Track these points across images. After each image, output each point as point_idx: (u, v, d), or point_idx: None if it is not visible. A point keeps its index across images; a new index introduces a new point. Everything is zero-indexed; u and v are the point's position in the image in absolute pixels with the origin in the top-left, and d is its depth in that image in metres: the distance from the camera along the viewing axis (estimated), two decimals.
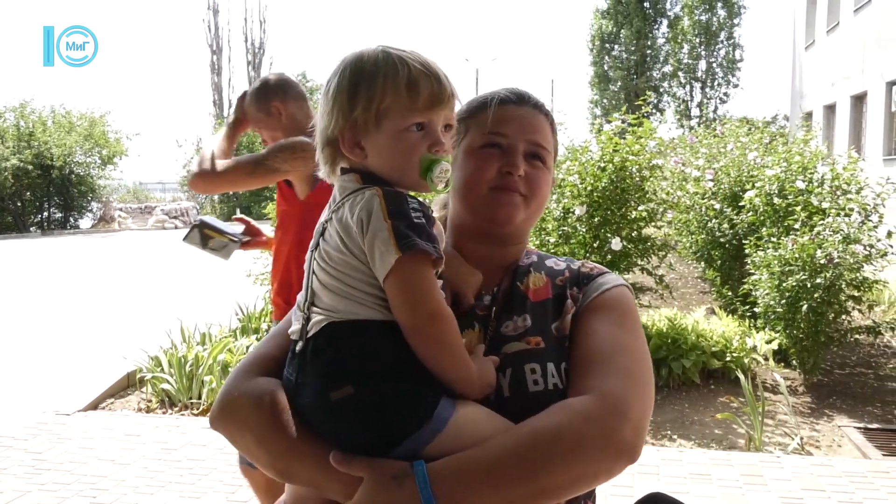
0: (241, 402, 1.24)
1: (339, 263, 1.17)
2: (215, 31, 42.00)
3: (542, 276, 1.40)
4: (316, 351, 1.17)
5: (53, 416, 4.92)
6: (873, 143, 15.42)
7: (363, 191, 1.17)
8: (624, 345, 1.27)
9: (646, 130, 5.72)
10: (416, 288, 1.13)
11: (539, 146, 1.39)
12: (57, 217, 28.84)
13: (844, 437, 4.64)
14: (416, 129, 1.19)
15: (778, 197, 6.35)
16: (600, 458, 1.10)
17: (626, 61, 37.20)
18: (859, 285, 5.43)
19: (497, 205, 1.35)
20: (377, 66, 1.18)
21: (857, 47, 16.42)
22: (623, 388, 1.18)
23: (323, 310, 1.18)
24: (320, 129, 1.24)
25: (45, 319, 8.92)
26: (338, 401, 1.12)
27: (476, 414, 1.16)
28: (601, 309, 1.33)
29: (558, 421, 1.12)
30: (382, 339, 1.14)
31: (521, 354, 1.28)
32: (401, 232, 1.11)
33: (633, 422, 1.15)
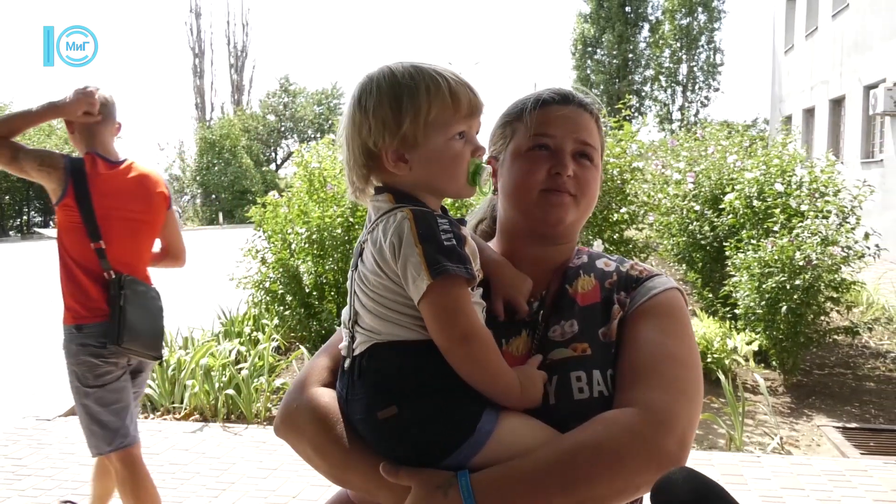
0: (300, 413, 1.30)
1: (376, 286, 1.20)
2: (197, 34, 41.89)
3: (591, 279, 1.39)
4: (362, 371, 1.21)
5: (34, 422, 4.89)
6: (851, 146, 15.60)
7: (395, 212, 1.19)
8: (670, 353, 1.26)
9: (626, 133, 5.76)
10: (448, 310, 1.16)
11: (586, 144, 1.38)
12: (37, 221, 28.60)
13: (823, 437, 4.69)
14: (459, 137, 1.23)
15: (757, 200, 6.42)
16: (643, 471, 1.10)
17: (608, 65, 37.39)
18: (837, 286, 5.50)
19: (548, 206, 1.34)
20: (415, 79, 1.21)
21: (835, 51, 16.61)
22: (668, 399, 1.17)
23: (365, 330, 1.22)
24: (355, 147, 1.24)
25: (25, 324, 8.84)
26: (384, 420, 1.16)
27: (520, 424, 1.18)
28: (648, 315, 1.31)
29: (601, 434, 1.12)
30: (423, 358, 1.18)
31: (567, 362, 1.27)
32: (432, 257, 1.13)
33: (678, 434, 1.14)
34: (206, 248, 19.46)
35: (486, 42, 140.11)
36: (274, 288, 6.59)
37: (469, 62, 47.91)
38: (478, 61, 61.07)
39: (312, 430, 1.27)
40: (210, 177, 34.12)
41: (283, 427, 1.34)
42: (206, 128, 36.64)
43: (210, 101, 42.11)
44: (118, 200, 2.93)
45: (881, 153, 14.17)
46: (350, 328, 1.25)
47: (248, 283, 6.72)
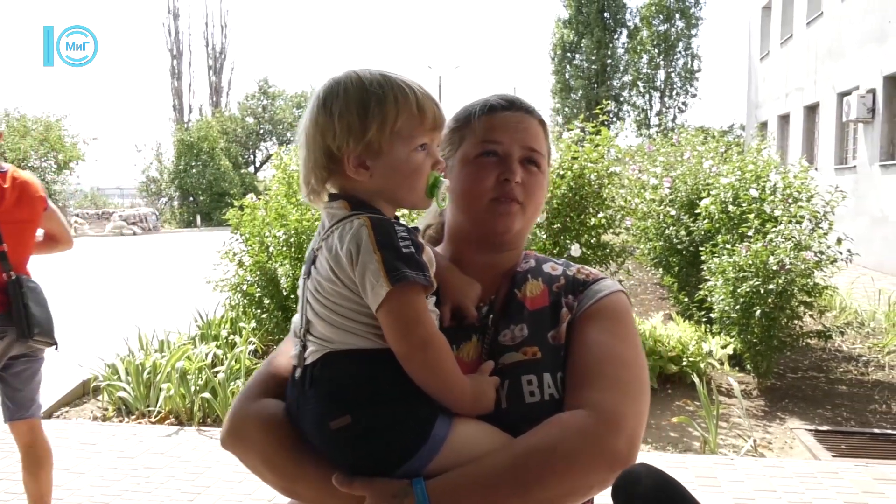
0: (248, 424, 1.28)
1: (331, 294, 1.19)
2: (175, 36, 41.55)
3: (540, 284, 1.40)
4: (314, 380, 1.20)
5: (5, 426, 4.81)
6: (825, 152, 15.82)
7: (351, 219, 1.19)
8: (617, 354, 1.28)
9: (604, 139, 5.80)
10: (407, 317, 1.15)
11: (533, 151, 1.39)
12: None
13: (796, 439, 4.75)
14: (421, 148, 1.23)
15: (732, 205, 6.49)
16: (594, 471, 1.13)
17: (587, 70, 37.60)
18: (810, 291, 5.57)
19: (496, 215, 1.36)
20: (384, 87, 1.21)
21: (809, 59, 16.84)
22: (617, 400, 1.20)
23: (318, 339, 1.21)
24: (316, 149, 1.23)
25: None
26: (337, 430, 1.15)
27: (473, 430, 1.19)
28: (596, 317, 1.34)
29: (553, 437, 1.15)
30: (377, 366, 1.17)
31: (518, 366, 1.29)
32: (390, 263, 1.13)
33: (627, 433, 1.17)
34: (184, 251, 19.32)
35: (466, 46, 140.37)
36: (251, 291, 6.56)
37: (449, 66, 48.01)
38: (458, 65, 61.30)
39: (261, 442, 1.26)
40: (188, 179, 33.85)
41: (230, 439, 1.31)
42: (183, 130, 36.33)
43: (188, 103, 41.79)
44: (6, 206, 3.15)
45: (854, 159, 14.39)
46: (301, 337, 1.24)
47: (226, 285, 6.68)
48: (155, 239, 25.77)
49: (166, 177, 35.43)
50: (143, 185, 35.91)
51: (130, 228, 28.00)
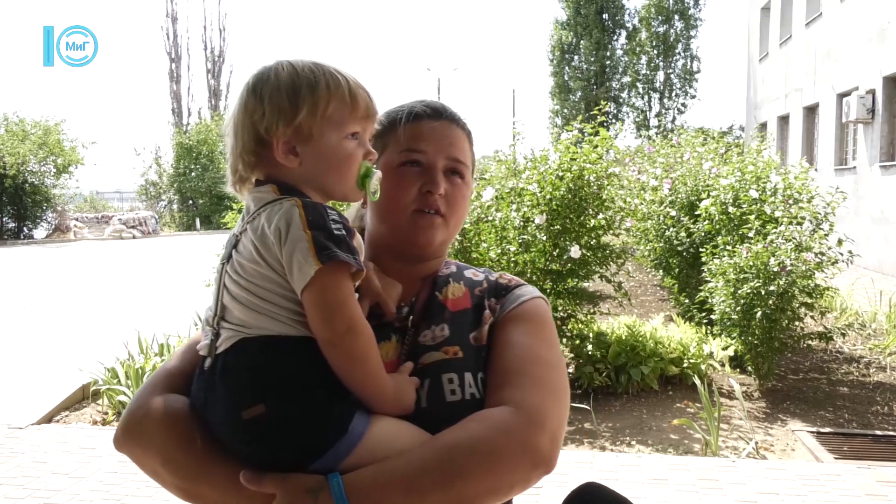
0: (147, 421, 1.21)
1: (253, 275, 1.15)
2: (174, 39, 41.57)
3: (461, 287, 1.40)
4: (226, 368, 1.14)
5: (5, 430, 4.80)
6: (825, 153, 15.81)
7: (280, 202, 1.16)
8: (539, 355, 1.29)
9: (602, 139, 5.80)
10: (334, 300, 1.12)
11: (457, 161, 1.38)
12: (10, 227, 28.18)
13: (798, 442, 4.74)
14: (353, 137, 1.22)
15: (733, 206, 6.48)
16: (516, 469, 1.12)
17: (585, 72, 37.64)
18: (811, 292, 5.56)
19: (419, 227, 1.34)
20: (315, 74, 1.19)
21: (808, 59, 16.84)
22: (539, 399, 1.20)
23: (233, 325, 1.16)
24: (244, 134, 1.21)
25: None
26: (250, 420, 1.10)
27: (392, 426, 1.16)
28: (518, 320, 1.34)
29: (475, 432, 1.13)
30: (295, 355, 1.13)
31: (438, 364, 1.27)
32: (321, 243, 1.10)
33: (550, 432, 1.17)
34: (183, 254, 19.30)
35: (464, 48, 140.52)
36: None
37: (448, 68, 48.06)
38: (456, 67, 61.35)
39: (161, 440, 1.19)
40: (187, 182, 33.87)
41: (124, 438, 1.24)
42: (182, 133, 36.36)
43: (187, 106, 41.79)
44: None
45: (854, 160, 14.39)
46: (214, 325, 1.19)
47: None
48: (154, 242, 25.75)
49: (165, 180, 35.44)
50: (143, 189, 35.90)
51: (130, 232, 28.00)
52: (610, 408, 5.39)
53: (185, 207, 34.88)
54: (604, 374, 5.68)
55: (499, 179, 6.00)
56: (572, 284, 5.87)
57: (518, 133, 6.40)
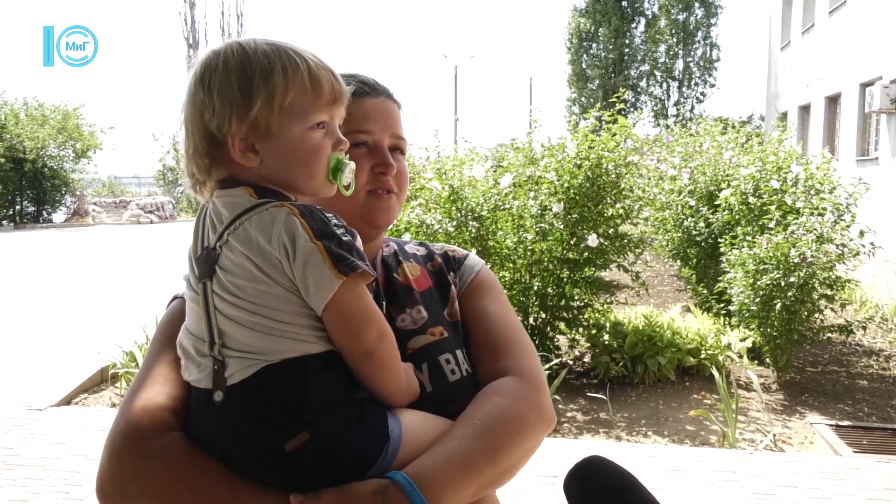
0: (144, 466, 1.07)
1: (259, 296, 1.04)
2: (192, 25, 41.58)
3: (414, 265, 1.40)
4: (249, 400, 1.03)
5: (25, 412, 4.85)
6: (846, 143, 15.61)
7: (265, 208, 1.05)
8: (513, 322, 1.36)
9: (621, 128, 5.75)
10: (363, 311, 1.07)
11: (400, 138, 1.35)
12: (30, 211, 28.42)
13: (816, 434, 4.70)
14: (319, 127, 1.11)
15: (753, 196, 6.42)
16: (538, 430, 1.19)
17: (603, 60, 37.39)
18: (832, 284, 5.50)
19: (377, 209, 1.30)
20: (270, 58, 1.06)
21: (831, 48, 16.61)
22: (531, 363, 1.27)
23: (244, 352, 1.04)
24: (199, 133, 1.09)
25: (18, 314, 8.79)
26: (295, 450, 1.02)
27: (415, 418, 1.14)
28: (481, 290, 1.39)
29: (502, 405, 1.17)
30: (325, 373, 1.06)
31: (431, 346, 1.28)
32: (335, 254, 1.02)
33: (546, 390, 1.26)
34: None
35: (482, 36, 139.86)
36: None
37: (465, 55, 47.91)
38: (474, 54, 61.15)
39: (169, 482, 1.05)
40: None
41: (118, 488, 1.07)
42: None
43: None
44: None
45: (876, 151, 14.19)
46: (213, 353, 1.06)
47: None
48: (171, 227, 25.89)
49: (183, 165, 35.57)
50: (160, 174, 36.07)
51: (147, 217, 28.17)
52: (626, 398, 5.36)
53: None
54: (620, 363, 5.65)
55: (516, 167, 5.97)
56: (589, 273, 5.84)
57: (535, 121, 6.35)
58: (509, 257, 5.75)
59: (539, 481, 3.68)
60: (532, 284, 5.73)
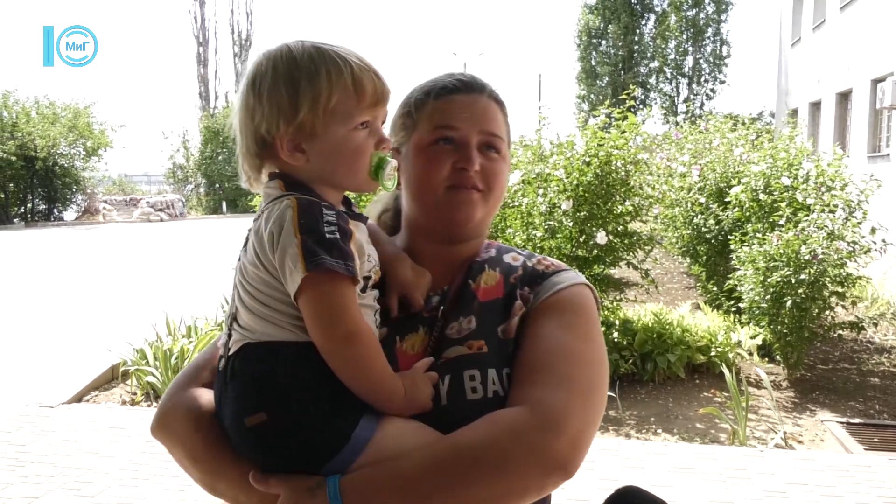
0: (176, 414, 1.24)
1: (254, 279, 1.12)
2: (201, 23, 41.70)
3: (496, 274, 1.32)
4: (233, 373, 1.13)
5: (37, 409, 4.88)
6: (858, 140, 15.52)
7: (281, 199, 1.12)
8: (570, 350, 1.19)
9: (630, 125, 5.73)
10: (329, 307, 1.07)
11: (492, 135, 1.31)
12: (41, 209, 28.58)
13: (827, 432, 4.68)
14: (362, 127, 1.15)
15: (763, 193, 6.39)
16: (527, 474, 1.04)
17: (613, 57, 37.26)
18: (843, 281, 5.47)
19: (455, 204, 1.27)
20: (315, 62, 1.12)
21: (842, 45, 16.51)
22: (561, 398, 1.11)
23: (241, 328, 1.13)
24: (248, 134, 1.16)
25: (29, 311, 8.85)
26: (252, 427, 1.08)
27: (403, 429, 1.12)
28: (551, 310, 1.25)
29: (483, 435, 1.07)
30: (297, 362, 1.09)
31: (460, 360, 1.21)
32: (309, 248, 1.05)
33: (570, 436, 1.07)
34: (210, 237, 19.46)
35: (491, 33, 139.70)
36: None
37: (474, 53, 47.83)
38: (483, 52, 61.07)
39: (185, 433, 1.21)
40: (214, 166, 34.08)
41: (157, 428, 1.26)
42: (209, 117, 36.57)
43: (214, 90, 41.94)
44: None
45: (888, 147, 14.11)
46: (228, 324, 1.17)
47: None
48: (182, 225, 26.00)
49: (193, 163, 35.70)
50: (170, 172, 36.19)
51: (158, 215, 28.28)
52: (636, 395, 5.35)
53: (211, 191, 35.13)
54: (630, 361, 5.64)
55: (525, 164, 5.95)
56: (598, 271, 5.83)
57: (545, 118, 6.34)
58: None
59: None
60: None
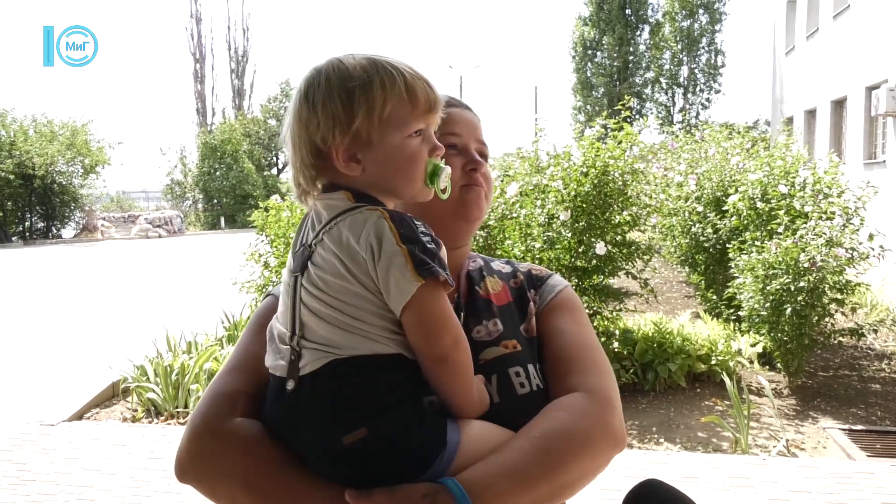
0: (224, 446, 1.17)
1: (341, 291, 1.09)
2: (198, 40, 41.90)
3: (497, 280, 1.44)
4: (317, 392, 1.09)
5: (38, 427, 4.87)
6: (853, 147, 15.57)
7: (360, 211, 1.11)
8: (590, 341, 1.36)
9: (627, 135, 5.76)
10: (439, 316, 1.10)
11: (484, 145, 1.43)
12: (39, 227, 28.60)
13: (829, 439, 4.67)
14: (416, 135, 1.17)
15: (761, 201, 6.41)
16: (603, 450, 1.17)
17: (608, 68, 37.38)
18: (842, 288, 5.48)
19: (469, 203, 1.36)
20: (368, 72, 1.13)
21: (836, 53, 16.58)
22: (603, 381, 1.26)
23: (319, 345, 1.10)
24: (303, 145, 1.16)
25: (29, 329, 8.83)
26: (351, 444, 1.06)
27: (477, 429, 1.16)
28: (560, 309, 1.41)
29: (565, 421, 1.17)
30: (389, 373, 1.10)
31: (502, 359, 1.29)
32: (418, 258, 1.06)
33: (619, 412, 1.23)
34: (209, 253, 19.46)
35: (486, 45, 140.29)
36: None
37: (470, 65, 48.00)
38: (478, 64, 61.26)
39: (243, 465, 1.14)
40: (212, 181, 34.14)
41: (194, 465, 1.19)
42: (207, 133, 36.66)
43: (211, 106, 42.14)
44: None
45: (884, 154, 14.14)
46: (293, 344, 1.13)
47: (252, 287, 6.71)
48: (180, 241, 26.00)
49: (190, 180, 35.76)
50: (168, 188, 36.25)
51: (156, 231, 28.31)
52: (637, 405, 5.35)
53: (209, 206, 35.17)
54: (630, 371, 5.64)
55: (522, 176, 5.97)
56: (598, 281, 5.83)
57: (541, 129, 6.36)
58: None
59: None
60: None
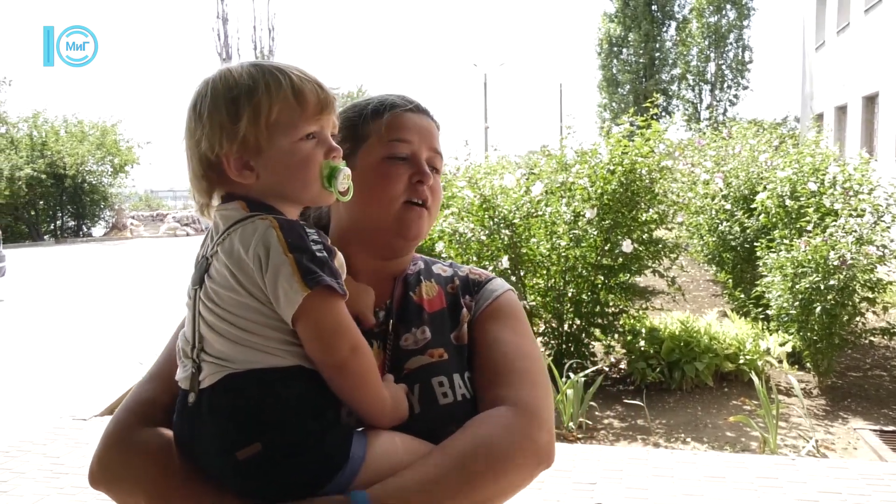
0: (131, 457, 1.15)
1: (232, 304, 1.07)
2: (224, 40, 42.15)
3: (434, 285, 1.37)
4: (213, 406, 1.07)
5: (70, 422, 4.96)
6: (885, 143, 15.32)
7: (252, 220, 1.08)
8: (525, 351, 1.29)
9: (654, 133, 5.72)
10: (332, 324, 1.07)
11: (437, 152, 1.35)
12: (70, 225, 29.03)
13: (860, 440, 4.62)
14: (309, 138, 1.14)
15: (790, 199, 6.34)
16: (525, 466, 1.12)
17: (634, 64, 37.12)
18: (873, 286, 5.41)
19: (408, 221, 1.29)
20: (254, 78, 1.11)
21: (868, 47, 16.32)
22: (533, 394, 1.20)
23: (217, 358, 1.07)
24: (195, 157, 1.13)
25: (61, 326, 8.98)
26: (246, 459, 1.04)
27: (389, 441, 1.12)
28: (496, 316, 1.34)
29: (485, 435, 1.12)
30: (285, 387, 1.06)
31: (426, 368, 1.24)
32: (304, 267, 1.04)
33: (548, 426, 1.18)
34: None
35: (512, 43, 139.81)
36: None
37: (495, 63, 47.94)
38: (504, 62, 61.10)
39: (151, 476, 1.12)
40: None
41: (105, 474, 1.17)
42: None
43: None
44: None
45: None
46: (193, 357, 1.10)
47: None
48: None
49: None
50: None
51: (184, 229, 28.61)
52: (663, 404, 5.32)
53: None
54: (657, 369, 5.61)
55: (548, 174, 5.96)
56: (624, 279, 5.81)
57: (569, 128, 6.34)
58: (542, 264, 5.75)
59: (577, 488, 3.67)
60: (566, 291, 5.71)
